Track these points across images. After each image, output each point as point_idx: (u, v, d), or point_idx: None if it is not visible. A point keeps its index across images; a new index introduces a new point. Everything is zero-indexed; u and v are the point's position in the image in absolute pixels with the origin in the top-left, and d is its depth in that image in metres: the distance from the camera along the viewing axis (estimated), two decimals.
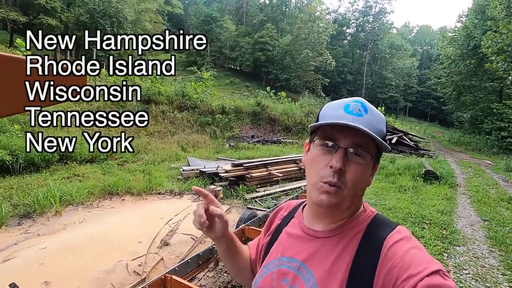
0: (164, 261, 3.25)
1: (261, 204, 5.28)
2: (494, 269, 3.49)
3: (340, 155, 0.63)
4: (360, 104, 0.66)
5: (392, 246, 0.60)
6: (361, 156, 0.64)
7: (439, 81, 27.89)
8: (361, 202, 0.72)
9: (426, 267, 0.54)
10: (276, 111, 15.32)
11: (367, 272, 0.60)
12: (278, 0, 46.33)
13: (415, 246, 0.60)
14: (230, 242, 0.82)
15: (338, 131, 0.64)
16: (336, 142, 0.65)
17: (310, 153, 0.71)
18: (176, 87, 12.80)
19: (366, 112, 0.65)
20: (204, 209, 0.75)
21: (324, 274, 0.63)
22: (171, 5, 42.38)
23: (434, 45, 52.01)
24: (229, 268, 0.92)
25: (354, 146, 0.64)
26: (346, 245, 0.65)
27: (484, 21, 20.10)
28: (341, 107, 0.67)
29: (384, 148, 0.66)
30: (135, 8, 30.08)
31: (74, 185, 5.17)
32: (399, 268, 0.56)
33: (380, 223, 0.68)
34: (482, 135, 20.38)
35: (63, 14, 23.97)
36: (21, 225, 3.98)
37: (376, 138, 0.62)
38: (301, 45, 34.89)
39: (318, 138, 0.68)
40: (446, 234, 4.39)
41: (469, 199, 6.52)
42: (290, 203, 0.89)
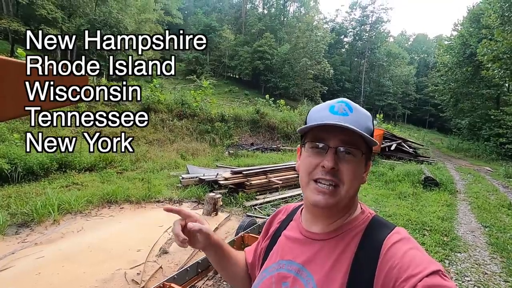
0: (163, 270, 3.21)
1: (260, 212, 5.25)
2: (496, 275, 3.46)
3: (331, 155, 0.65)
4: (344, 104, 0.68)
5: (391, 247, 0.61)
6: (352, 153, 0.65)
7: (436, 88, 28.16)
8: (357, 201, 0.73)
9: (426, 267, 0.54)
10: (275, 118, 15.38)
11: (367, 273, 0.60)
12: (277, 10, 47.11)
13: (414, 247, 0.60)
14: (219, 248, 0.81)
15: (326, 132, 0.66)
16: (325, 142, 0.66)
17: (302, 156, 0.72)
18: (176, 96, 12.90)
19: (351, 111, 0.67)
20: (181, 227, 0.73)
21: (324, 276, 0.64)
22: (171, 16, 42.93)
23: (430, 53, 52.64)
24: (222, 274, 0.91)
25: (343, 144, 0.65)
26: (345, 247, 0.66)
27: (479, 29, 20.44)
28: (327, 108, 0.69)
29: (372, 143, 0.67)
30: (135, 18, 30.48)
31: (73, 194, 5.14)
32: (399, 268, 0.56)
33: (379, 224, 0.69)
34: (480, 142, 20.43)
35: (64, 24, 24.25)
36: (19, 234, 3.94)
37: (362, 134, 0.63)
38: (300, 54, 35.30)
39: (308, 141, 0.69)
40: (447, 241, 4.36)
41: (469, 206, 6.50)
42: (288, 206, 0.90)
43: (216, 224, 4.50)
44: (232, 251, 0.87)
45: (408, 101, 47.06)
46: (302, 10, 48.33)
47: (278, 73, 37.43)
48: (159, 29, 37.17)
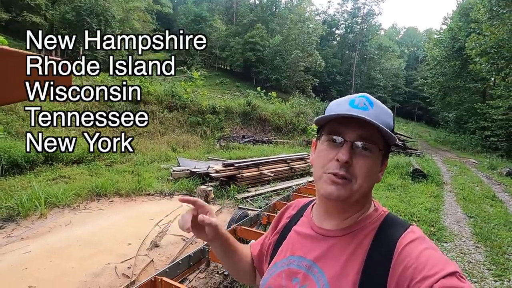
0: (154, 263, 3.19)
1: (252, 204, 5.26)
2: (480, 264, 3.58)
3: (346, 148, 0.63)
4: (365, 98, 0.67)
5: (406, 246, 0.59)
6: (368, 149, 0.64)
7: (425, 81, 28.56)
8: (371, 199, 0.71)
9: (442, 268, 0.53)
10: (266, 111, 15.34)
11: (380, 273, 0.59)
12: (268, 1, 46.43)
13: (429, 247, 0.59)
14: (224, 241, 0.80)
15: (344, 125, 0.64)
16: (342, 136, 0.64)
17: (317, 149, 0.70)
18: (166, 87, 12.66)
19: (372, 106, 0.65)
20: (192, 216, 0.72)
21: (336, 274, 0.62)
22: (160, 4, 41.76)
23: (420, 46, 53.10)
24: (227, 267, 0.91)
25: (361, 139, 0.63)
26: (358, 245, 0.64)
27: (468, 23, 20.71)
28: (346, 102, 0.67)
29: (392, 140, 0.65)
30: (123, 6, 29.53)
31: (60, 187, 5.02)
32: (414, 269, 0.55)
33: (393, 222, 0.67)
34: (466, 135, 20.95)
35: (48, 11, 23.30)
36: (4, 229, 3.83)
37: (382, 128, 0.61)
38: (291, 46, 35.03)
39: (324, 134, 0.68)
40: (434, 231, 4.48)
41: (455, 197, 6.69)
42: (298, 202, 0.88)
43: None
44: (238, 244, 0.86)
45: (397, 94, 47.62)
46: (294, 1, 47.79)
47: (269, 65, 37.12)
48: (147, 18, 36.21)
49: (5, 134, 6.66)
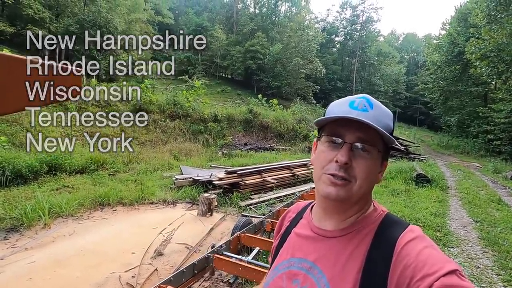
0: (158, 272, 3.17)
1: (255, 211, 5.23)
2: (488, 269, 3.52)
3: (346, 150, 0.63)
4: (365, 100, 0.67)
5: (405, 245, 0.59)
6: (368, 151, 0.64)
7: (426, 86, 28.60)
8: (371, 200, 0.71)
9: (442, 266, 0.53)
10: (268, 118, 15.39)
11: (381, 272, 0.59)
12: (268, 10, 47.12)
13: (429, 245, 0.59)
14: None
15: (344, 127, 0.65)
16: (341, 137, 0.65)
17: (317, 150, 0.71)
18: (168, 96, 12.79)
19: (372, 107, 0.66)
20: None
21: (336, 274, 0.62)
22: (162, 15, 42.44)
23: (420, 52, 53.43)
24: None
25: (360, 141, 0.64)
26: (358, 245, 0.64)
27: (467, 28, 20.86)
28: (347, 103, 0.67)
29: (390, 142, 0.66)
30: (125, 18, 30.05)
31: (64, 197, 5.03)
32: (414, 267, 0.55)
33: (392, 222, 0.67)
34: (469, 138, 20.86)
35: (52, 24, 23.75)
36: (8, 239, 3.83)
37: (380, 130, 0.62)
38: (292, 53, 35.35)
39: (324, 135, 0.68)
40: (440, 236, 4.43)
41: (461, 201, 6.62)
42: (298, 205, 0.88)
43: (211, 224, 4.47)
44: None
45: (398, 100, 47.69)
46: (293, 9, 48.42)
47: (270, 72, 37.39)
48: (149, 29, 36.71)
49: (9, 145, 6.73)
